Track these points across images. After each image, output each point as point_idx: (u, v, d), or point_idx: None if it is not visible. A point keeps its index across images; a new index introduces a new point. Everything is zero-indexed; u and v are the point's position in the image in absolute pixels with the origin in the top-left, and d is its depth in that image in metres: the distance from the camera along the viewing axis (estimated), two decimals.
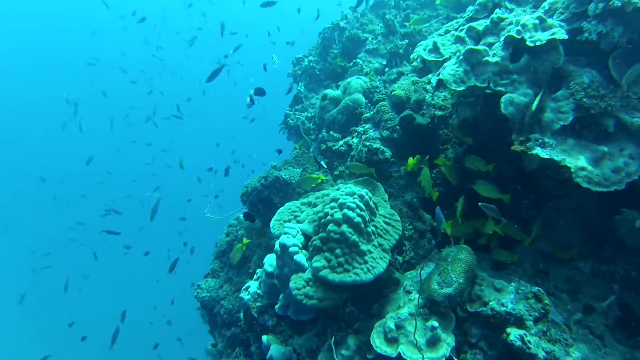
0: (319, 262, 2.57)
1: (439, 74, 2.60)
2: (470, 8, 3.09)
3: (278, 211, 3.40)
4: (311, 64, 6.10)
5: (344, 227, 2.57)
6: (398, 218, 2.92)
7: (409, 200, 3.36)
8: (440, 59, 2.74)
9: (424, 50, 2.82)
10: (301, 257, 2.69)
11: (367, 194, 2.74)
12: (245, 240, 3.73)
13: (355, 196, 2.70)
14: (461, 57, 2.55)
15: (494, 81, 2.46)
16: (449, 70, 2.53)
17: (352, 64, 5.05)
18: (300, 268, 2.67)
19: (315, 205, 3.22)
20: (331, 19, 6.28)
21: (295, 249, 2.72)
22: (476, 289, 2.46)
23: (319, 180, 3.45)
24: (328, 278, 2.50)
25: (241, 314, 3.55)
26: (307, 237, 2.87)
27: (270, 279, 3.05)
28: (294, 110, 5.65)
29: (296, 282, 2.61)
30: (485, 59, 2.48)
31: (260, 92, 5.66)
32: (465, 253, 2.47)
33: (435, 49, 2.75)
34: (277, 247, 2.82)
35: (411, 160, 3.09)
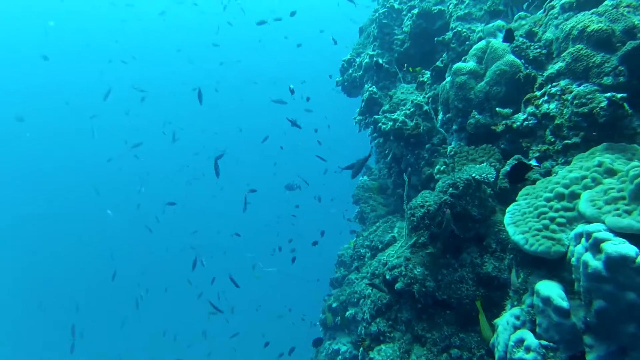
0: None
1: None
2: None
3: (509, 219, 2.41)
4: (374, 59, 5.20)
5: None
6: None
7: None
8: None
9: None
10: None
11: None
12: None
13: None
14: None
15: None
16: None
17: (452, 35, 4.15)
18: None
19: (569, 209, 2.24)
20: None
21: None
22: None
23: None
24: None
25: None
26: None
27: (566, 319, 2.03)
28: (382, 114, 4.68)
29: None
30: None
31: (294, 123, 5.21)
32: None
33: None
34: (598, 265, 1.84)
35: None
